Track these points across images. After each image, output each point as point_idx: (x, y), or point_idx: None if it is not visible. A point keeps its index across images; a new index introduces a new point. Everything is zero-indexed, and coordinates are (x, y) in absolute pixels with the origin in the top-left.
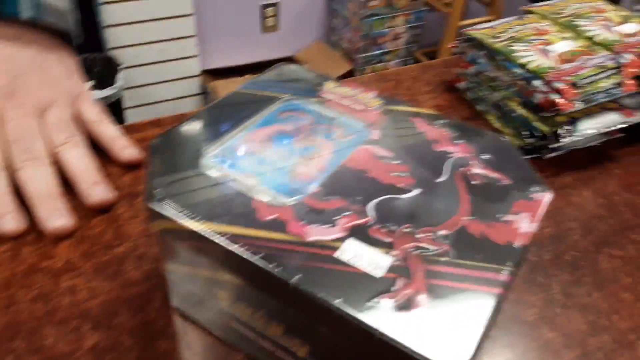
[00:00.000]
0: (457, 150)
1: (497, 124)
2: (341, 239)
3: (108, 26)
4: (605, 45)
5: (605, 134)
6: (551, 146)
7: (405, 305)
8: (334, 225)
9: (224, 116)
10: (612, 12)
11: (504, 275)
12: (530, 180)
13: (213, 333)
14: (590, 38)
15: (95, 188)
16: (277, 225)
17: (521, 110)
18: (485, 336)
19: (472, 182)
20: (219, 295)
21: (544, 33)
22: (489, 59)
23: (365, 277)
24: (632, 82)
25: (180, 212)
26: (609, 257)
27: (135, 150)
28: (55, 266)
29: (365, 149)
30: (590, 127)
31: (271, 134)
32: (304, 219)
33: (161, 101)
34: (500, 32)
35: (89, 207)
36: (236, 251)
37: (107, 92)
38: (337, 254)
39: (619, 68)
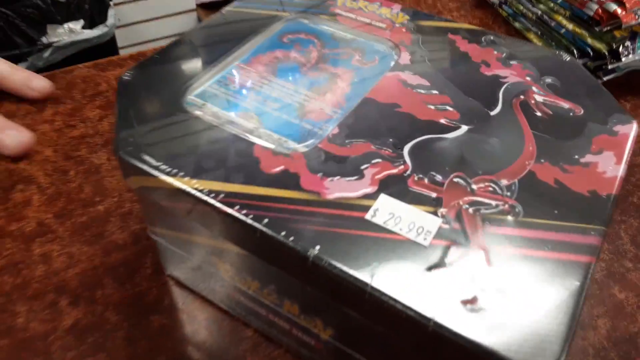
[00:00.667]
0: (512, 74)
1: (540, 44)
2: (372, 196)
3: None
4: None
5: None
6: (609, 67)
7: (465, 285)
8: (361, 178)
9: (212, 42)
10: None
11: (593, 237)
12: (609, 109)
13: (217, 305)
14: None
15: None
16: (287, 179)
17: (570, 25)
18: (575, 325)
19: (536, 114)
20: (218, 266)
21: None
22: None
23: (408, 245)
24: None
25: (158, 165)
26: None
27: (44, 81)
28: (25, 229)
29: (394, 76)
30: None
31: (273, 62)
32: (321, 170)
33: (156, 39)
34: None
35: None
36: (234, 215)
37: (98, 30)
38: (368, 216)
39: None
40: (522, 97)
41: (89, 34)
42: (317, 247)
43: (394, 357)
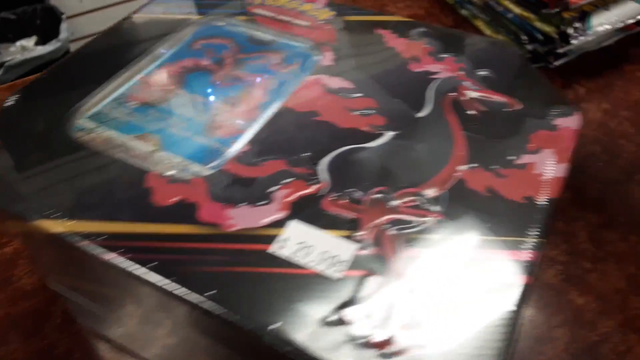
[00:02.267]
0: (444, 69)
1: (488, 31)
2: (281, 223)
3: None
4: None
5: (622, 29)
6: (559, 51)
7: (381, 323)
8: (269, 202)
9: (114, 54)
10: None
11: (527, 252)
12: (550, 100)
13: (136, 354)
14: None
15: None
16: (183, 211)
17: (517, 9)
18: (511, 356)
19: (468, 112)
20: (123, 311)
21: None
22: None
23: (318, 280)
24: None
25: (31, 206)
26: None
27: None
28: None
29: (315, 80)
30: (605, 22)
31: (181, 72)
32: (224, 198)
33: None
34: None
35: None
36: (114, 262)
37: (50, 46)
38: (273, 248)
39: None
40: (453, 94)
41: (42, 50)
42: (210, 293)
43: None
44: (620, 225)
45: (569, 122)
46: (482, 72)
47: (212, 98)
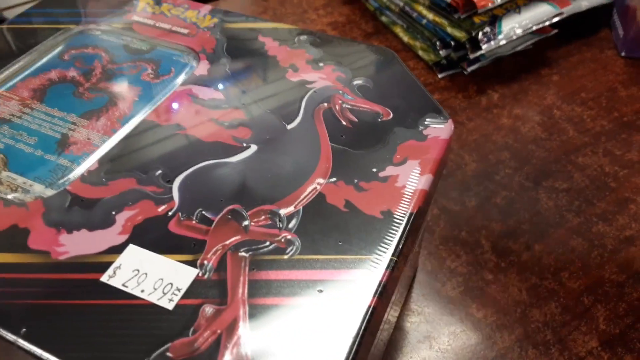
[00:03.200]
0: (321, 77)
1: (405, 38)
2: (119, 248)
3: None
4: None
5: (536, 32)
6: (471, 56)
7: (209, 357)
8: (110, 226)
9: None
10: None
11: (376, 271)
12: (423, 109)
13: None
14: None
15: None
16: (13, 238)
17: (430, 15)
18: None
19: (340, 122)
20: None
21: None
22: None
23: (149, 311)
24: None
25: None
26: (551, 191)
27: None
28: None
29: (185, 91)
30: (516, 26)
31: (44, 85)
32: (60, 222)
33: None
34: None
35: None
36: None
37: None
38: (105, 277)
39: None
40: (326, 104)
41: None
42: (23, 331)
43: None
44: (525, 234)
45: (440, 132)
46: (359, 81)
47: (72, 112)
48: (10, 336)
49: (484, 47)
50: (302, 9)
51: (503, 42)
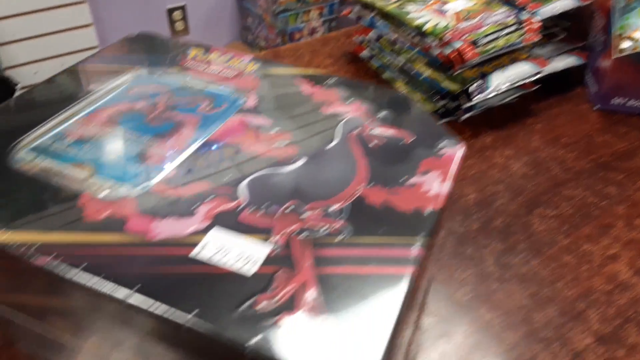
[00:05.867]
0: (350, 111)
1: (406, 91)
2: (202, 232)
3: (1, 44)
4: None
5: (520, 87)
6: (464, 106)
7: (288, 307)
8: (192, 216)
9: (55, 98)
10: None
11: (415, 249)
12: (437, 135)
13: None
14: None
15: None
16: (112, 224)
17: (428, 72)
18: (397, 333)
19: (370, 145)
20: (56, 327)
21: None
22: (386, 20)
23: (233, 277)
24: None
25: None
26: (543, 217)
27: None
28: None
29: (239, 119)
30: (503, 81)
31: (116, 114)
32: (151, 212)
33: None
34: None
35: None
36: (45, 266)
37: None
38: (194, 252)
39: (520, 24)
40: (357, 130)
41: None
42: (135, 288)
43: None
44: (522, 251)
45: (454, 151)
46: (383, 114)
47: (144, 134)
48: (127, 291)
49: (475, 98)
50: (313, 65)
51: (492, 94)
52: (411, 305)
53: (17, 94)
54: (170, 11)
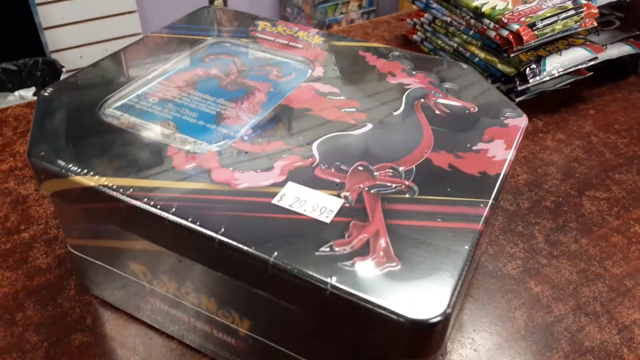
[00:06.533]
0: (415, 81)
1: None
2: (280, 184)
3: (47, 28)
4: None
5: (574, 73)
6: (519, 88)
7: (363, 252)
8: (270, 169)
9: (136, 62)
10: None
11: (481, 209)
12: (502, 105)
13: (140, 320)
14: None
15: None
16: (198, 174)
17: (482, 54)
18: (464, 283)
19: (435, 112)
20: (135, 269)
21: None
22: (442, 2)
23: (311, 223)
24: (592, 20)
25: (68, 167)
26: (593, 199)
27: None
28: None
29: (308, 86)
30: (558, 66)
31: (194, 78)
32: (233, 165)
33: None
34: None
35: None
36: (141, 206)
37: None
38: (274, 200)
39: (578, 8)
40: (422, 99)
41: None
42: (222, 228)
43: (306, 341)
44: (571, 231)
45: (517, 122)
46: (447, 85)
47: (220, 98)
48: (212, 234)
49: (531, 80)
50: None
51: (547, 78)
52: (473, 264)
53: (63, 77)
54: (211, 1)
